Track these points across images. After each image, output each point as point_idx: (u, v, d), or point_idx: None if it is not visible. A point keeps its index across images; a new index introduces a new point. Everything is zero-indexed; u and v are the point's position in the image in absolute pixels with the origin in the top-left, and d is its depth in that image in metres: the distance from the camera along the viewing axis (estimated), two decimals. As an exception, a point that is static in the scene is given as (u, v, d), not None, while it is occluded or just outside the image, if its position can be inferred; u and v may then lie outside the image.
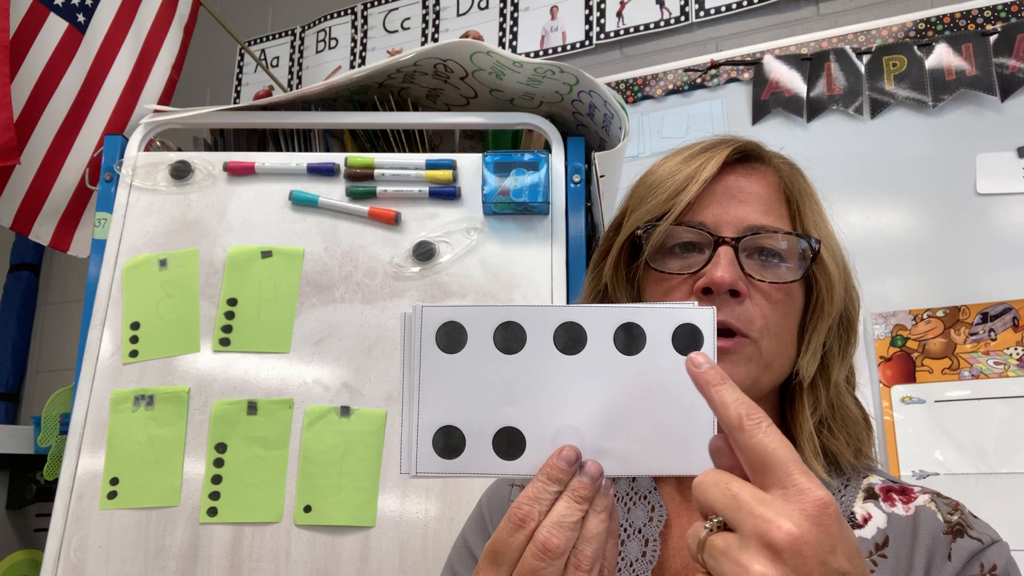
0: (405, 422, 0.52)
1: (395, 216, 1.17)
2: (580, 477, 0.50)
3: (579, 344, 0.52)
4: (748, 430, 0.42)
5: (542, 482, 0.50)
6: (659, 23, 1.97)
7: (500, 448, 0.52)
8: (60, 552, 1.06)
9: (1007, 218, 1.50)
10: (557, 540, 0.48)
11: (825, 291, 0.68)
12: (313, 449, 1.08)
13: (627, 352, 0.52)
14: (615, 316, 0.52)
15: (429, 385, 0.52)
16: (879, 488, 0.69)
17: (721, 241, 0.66)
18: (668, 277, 0.68)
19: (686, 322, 0.51)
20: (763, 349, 0.65)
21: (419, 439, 0.52)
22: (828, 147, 1.67)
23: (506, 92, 1.26)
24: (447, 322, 0.53)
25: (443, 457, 0.52)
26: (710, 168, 0.68)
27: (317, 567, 1.04)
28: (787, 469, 0.41)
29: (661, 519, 0.69)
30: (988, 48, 1.57)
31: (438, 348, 0.52)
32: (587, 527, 0.49)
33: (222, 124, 1.32)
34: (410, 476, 0.52)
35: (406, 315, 0.53)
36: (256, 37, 2.58)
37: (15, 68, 1.36)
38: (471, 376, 0.52)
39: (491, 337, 0.52)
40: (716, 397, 0.45)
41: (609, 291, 0.74)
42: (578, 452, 0.50)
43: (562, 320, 0.52)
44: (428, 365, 0.52)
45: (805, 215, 0.70)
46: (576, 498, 0.49)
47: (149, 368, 1.13)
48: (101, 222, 1.21)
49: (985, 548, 0.62)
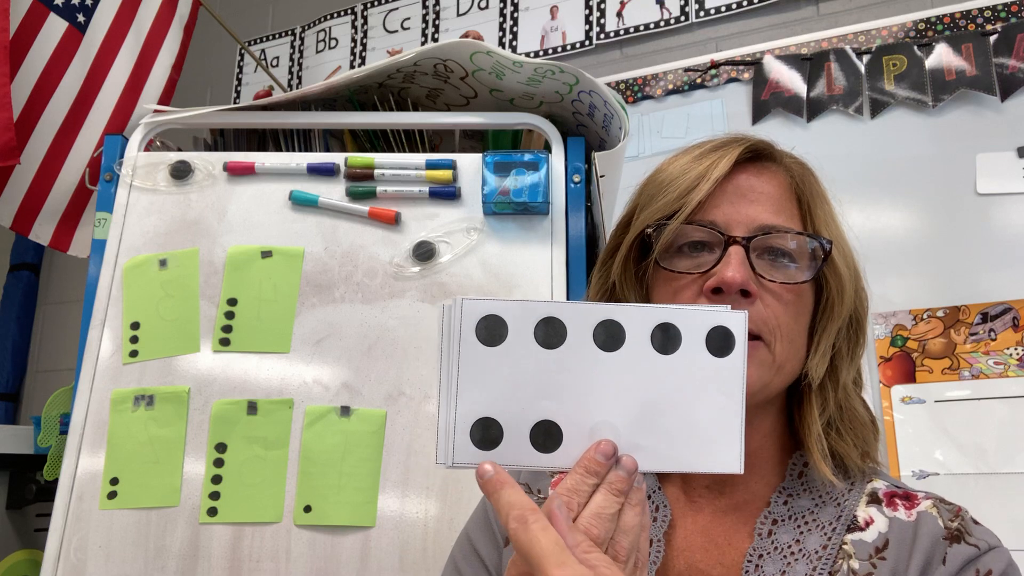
0: (442, 413, 0.53)
1: (395, 216, 1.17)
2: (617, 471, 0.51)
3: (618, 342, 0.53)
4: (512, 531, 0.47)
5: (580, 474, 0.51)
6: (659, 23, 1.97)
7: (537, 441, 0.53)
8: (60, 552, 1.06)
9: (1007, 218, 1.50)
10: (597, 531, 0.49)
11: (836, 292, 0.68)
12: (313, 449, 1.08)
13: (663, 351, 0.53)
14: (653, 316, 0.53)
15: (468, 377, 0.53)
16: (883, 493, 0.68)
17: (732, 241, 0.65)
18: (678, 276, 0.68)
19: (720, 324, 0.53)
20: (776, 352, 0.65)
21: (456, 430, 0.52)
22: (828, 147, 1.67)
23: (506, 92, 1.26)
24: (488, 315, 0.53)
25: (480, 448, 0.52)
26: (722, 167, 0.68)
27: (317, 567, 1.04)
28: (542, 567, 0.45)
29: (665, 519, 0.69)
30: (988, 48, 1.57)
31: (478, 340, 0.53)
32: (624, 519, 0.51)
33: (222, 124, 1.32)
34: (447, 466, 0.52)
35: (445, 307, 0.54)
36: (256, 37, 2.58)
37: (15, 68, 1.36)
38: (511, 369, 0.53)
39: (532, 332, 0.53)
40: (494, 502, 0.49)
41: (617, 290, 0.73)
42: (615, 446, 0.51)
43: (602, 318, 0.53)
44: (467, 357, 0.53)
45: (816, 215, 0.70)
46: (613, 491, 0.50)
47: (149, 368, 1.13)
48: (101, 222, 1.21)
49: (982, 554, 0.62)
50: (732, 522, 0.68)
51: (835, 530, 0.65)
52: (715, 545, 0.67)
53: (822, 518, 0.66)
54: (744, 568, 0.64)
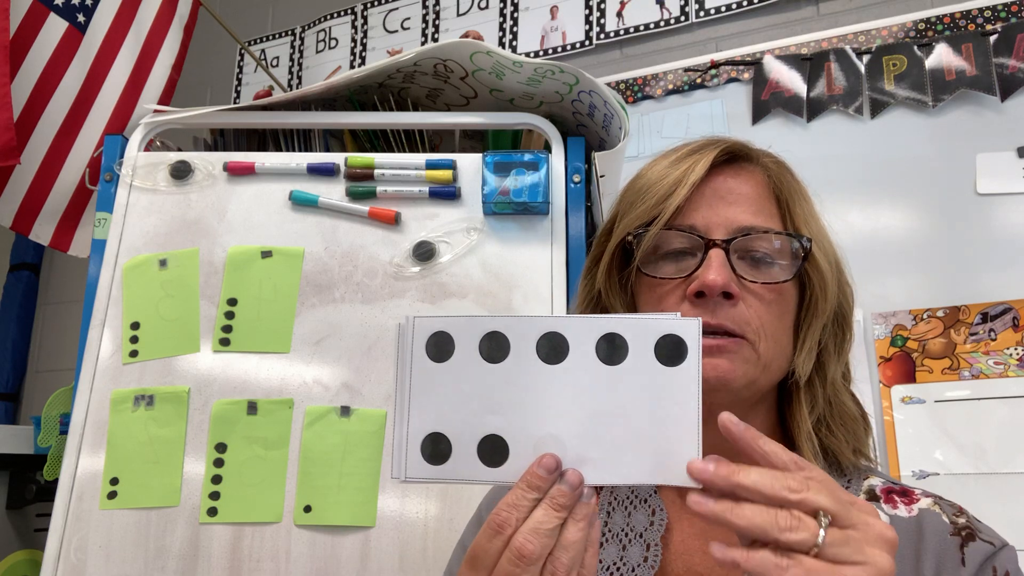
0: (397, 428, 0.54)
1: (395, 216, 1.17)
2: (560, 485, 0.51)
3: (561, 354, 0.53)
4: None
5: (521, 489, 0.51)
6: (659, 23, 1.97)
7: (485, 455, 0.53)
8: (60, 552, 1.06)
9: (1007, 218, 1.50)
10: (532, 546, 0.49)
11: (819, 289, 0.68)
12: (313, 449, 1.08)
13: (609, 362, 0.53)
14: (597, 326, 0.53)
15: (419, 393, 0.54)
16: (880, 490, 0.68)
17: (712, 244, 0.66)
18: (661, 282, 0.68)
19: (669, 333, 0.52)
20: (760, 351, 0.65)
21: (408, 445, 0.54)
22: (828, 147, 1.67)
23: (506, 92, 1.26)
24: (436, 332, 0.54)
25: (431, 463, 0.53)
26: (698, 170, 0.68)
27: (317, 567, 1.04)
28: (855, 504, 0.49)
29: (662, 523, 0.69)
30: (988, 48, 1.57)
31: (428, 357, 0.54)
32: (565, 535, 0.50)
33: (222, 124, 1.32)
34: (400, 481, 0.54)
35: (400, 325, 0.55)
36: (256, 37, 2.58)
37: (15, 68, 1.36)
38: (458, 385, 0.54)
39: (477, 347, 0.54)
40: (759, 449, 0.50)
41: (603, 297, 0.74)
42: (558, 460, 0.51)
43: (545, 330, 0.53)
44: (418, 374, 0.54)
45: (795, 213, 0.70)
46: (554, 505, 0.50)
47: (149, 368, 1.13)
48: (101, 222, 1.21)
49: (997, 552, 0.62)
50: None
51: None
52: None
53: None
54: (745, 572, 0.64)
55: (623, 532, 0.70)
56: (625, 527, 0.70)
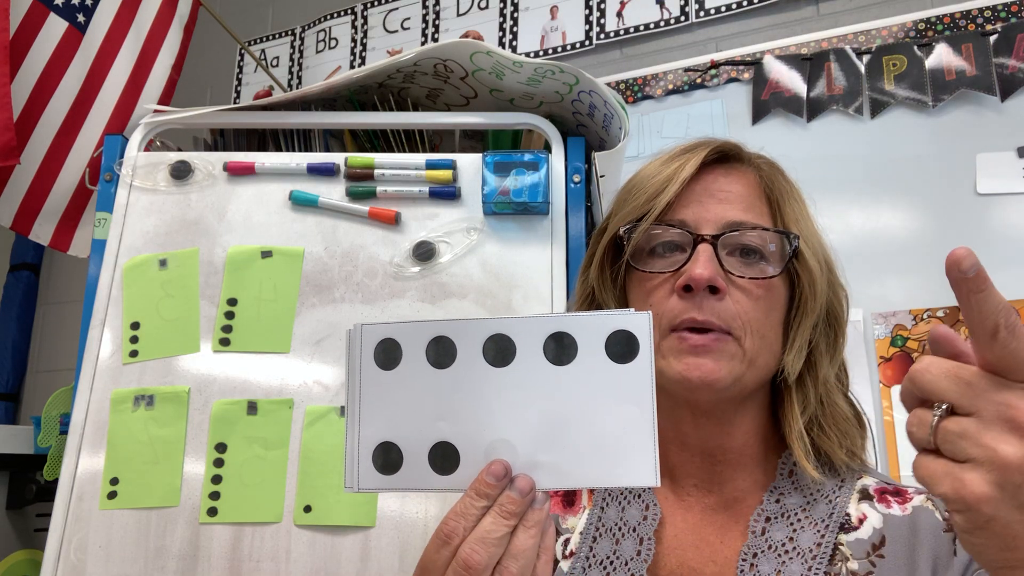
0: (348, 438, 0.53)
1: (395, 216, 1.17)
2: (509, 492, 0.50)
3: (508, 356, 0.52)
4: (1002, 340, 0.41)
5: (470, 497, 0.50)
6: (659, 23, 1.97)
7: (436, 463, 0.52)
8: (60, 552, 1.06)
9: (1007, 218, 1.50)
10: (479, 556, 0.48)
11: (807, 287, 0.69)
12: (313, 449, 1.08)
13: (557, 362, 0.51)
14: (544, 326, 0.52)
15: (369, 402, 0.53)
16: (873, 489, 0.69)
17: (700, 239, 0.66)
18: (650, 277, 0.69)
19: (620, 328, 0.51)
20: (745, 346, 0.65)
21: (360, 455, 0.53)
22: (828, 147, 1.67)
23: (506, 92, 1.26)
24: (384, 339, 0.53)
25: (383, 473, 0.52)
26: (689, 168, 0.69)
27: (317, 567, 1.04)
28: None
29: (655, 517, 0.69)
30: (988, 48, 1.57)
31: (376, 365, 0.53)
32: (514, 542, 0.49)
33: (222, 124, 1.32)
34: (354, 491, 0.53)
35: (349, 332, 0.54)
36: (256, 37, 2.58)
37: (15, 68, 1.36)
38: (407, 392, 0.53)
39: (424, 352, 0.53)
40: (974, 304, 0.43)
41: (596, 294, 0.74)
42: (507, 466, 0.50)
43: (490, 333, 0.52)
44: (367, 382, 0.53)
45: (786, 212, 0.71)
46: (503, 513, 0.49)
47: (149, 368, 1.13)
48: (101, 222, 1.21)
49: None
50: (723, 520, 0.68)
51: (828, 527, 0.65)
52: (706, 543, 0.68)
53: (814, 515, 0.66)
54: (739, 567, 0.64)
55: (616, 526, 0.70)
56: (619, 521, 0.70)
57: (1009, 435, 0.39)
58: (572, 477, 0.51)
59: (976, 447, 0.40)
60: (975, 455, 0.40)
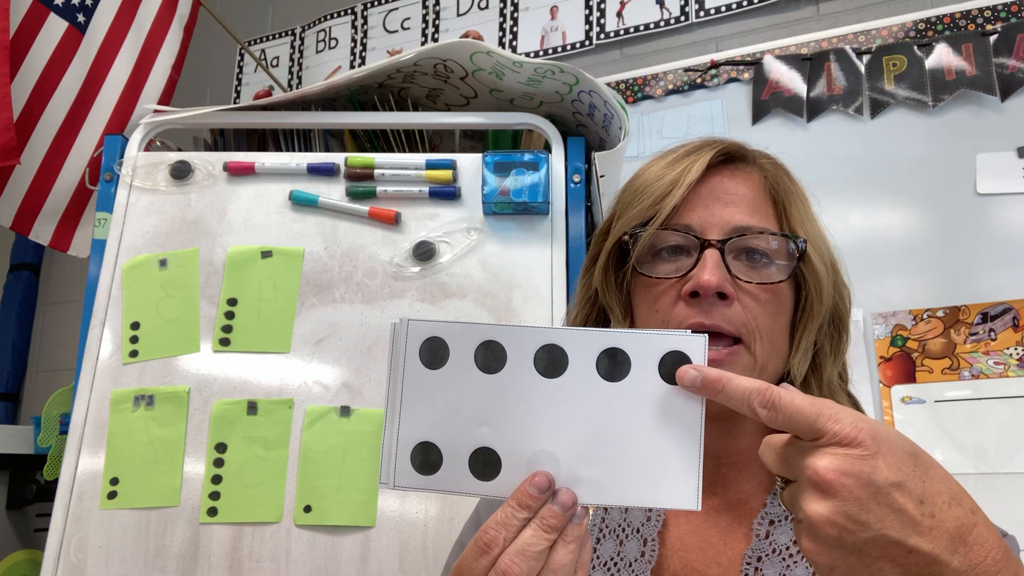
0: (387, 433, 0.52)
1: (395, 216, 1.17)
2: (551, 505, 0.49)
3: (560, 368, 0.51)
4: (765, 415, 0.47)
5: (511, 507, 0.49)
6: (659, 23, 1.97)
7: (476, 468, 0.51)
8: (60, 552, 1.06)
9: (1007, 218, 1.50)
10: (518, 569, 0.48)
11: (814, 290, 0.68)
12: (313, 449, 1.08)
13: (609, 378, 0.51)
14: (599, 340, 0.51)
15: (411, 399, 0.52)
16: None
17: (707, 244, 0.66)
18: (656, 282, 0.68)
19: (675, 349, 0.50)
20: (756, 354, 0.65)
21: (398, 453, 0.52)
22: (828, 147, 1.67)
23: (506, 92, 1.26)
24: (431, 337, 0.52)
25: (420, 473, 0.52)
26: (695, 171, 0.68)
27: (317, 567, 1.04)
28: (813, 426, 0.45)
29: (659, 519, 0.69)
30: (988, 48, 1.57)
31: (421, 363, 0.52)
32: (553, 557, 0.49)
33: (222, 124, 1.32)
34: (389, 488, 0.52)
35: (394, 326, 0.53)
36: (256, 37, 2.58)
37: (15, 68, 1.36)
38: (451, 393, 0.52)
39: (472, 355, 0.52)
40: (723, 401, 0.48)
41: (599, 297, 0.74)
42: (551, 479, 0.50)
43: (544, 342, 0.51)
44: (411, 379, 0.52)
45: (791, 214, 0.70)
46: (544, 527, 0.49)
47: (149, 368, 1.13)
48: (101, 222, 1.21)
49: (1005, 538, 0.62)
50: (727, 522, 0.68)
51: None
52: (710, 545, 0.68)
53: None
54: (743, 571, 0.64)
55: (620, 528, 0.70)
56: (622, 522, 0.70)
57: (815, 494, 0.44)
58: (613, 494, 0.50)
59: (799, 511, 0.46)
60: (800, 518, 0.46)
